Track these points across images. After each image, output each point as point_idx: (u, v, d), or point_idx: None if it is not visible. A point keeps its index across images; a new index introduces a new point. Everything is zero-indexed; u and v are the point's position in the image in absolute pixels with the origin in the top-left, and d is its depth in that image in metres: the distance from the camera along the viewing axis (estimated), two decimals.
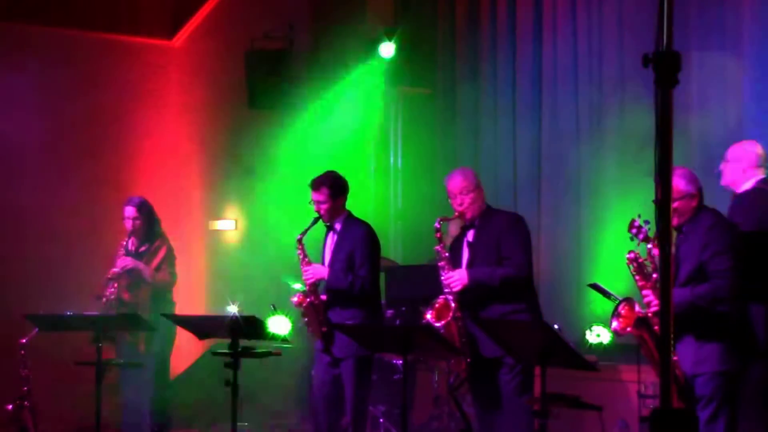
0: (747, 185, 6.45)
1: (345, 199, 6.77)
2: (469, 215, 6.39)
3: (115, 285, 7.58)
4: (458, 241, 6.55)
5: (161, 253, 7.74)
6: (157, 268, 7.68)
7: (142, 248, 7.73)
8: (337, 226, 6.76)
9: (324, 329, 6.69)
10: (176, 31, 10.14)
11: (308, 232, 6.75)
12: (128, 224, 7.72)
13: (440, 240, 6.43)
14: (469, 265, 6.36)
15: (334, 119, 10.02)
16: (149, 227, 7.76)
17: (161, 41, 10.06)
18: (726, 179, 6.56)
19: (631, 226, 5.47)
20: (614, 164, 8.91)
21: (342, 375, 6.71)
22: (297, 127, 9.93)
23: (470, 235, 6.41)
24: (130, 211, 7.73)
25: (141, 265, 7.62)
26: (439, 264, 6.38)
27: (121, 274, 7.60)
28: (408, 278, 8.64)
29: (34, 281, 8.89)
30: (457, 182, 6.41)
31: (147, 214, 7.76)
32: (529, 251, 6.40)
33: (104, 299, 7.54)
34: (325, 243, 6.88)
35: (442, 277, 6.34)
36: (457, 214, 6.45)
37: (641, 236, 5.48)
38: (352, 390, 6.67)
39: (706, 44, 8.23)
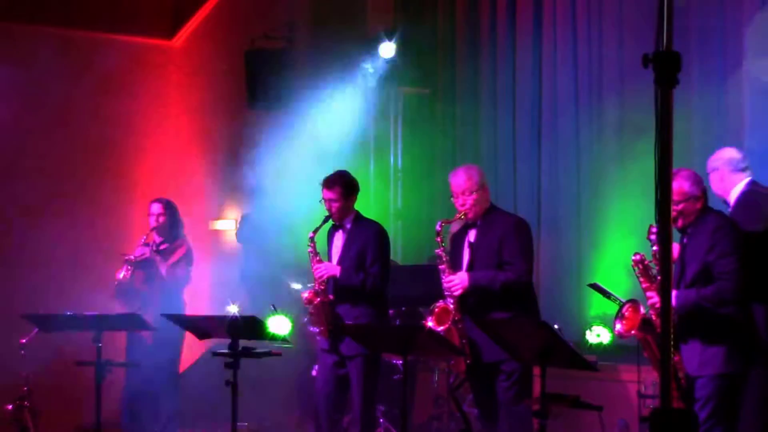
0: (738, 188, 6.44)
1: (355, 198, 6.82)
2: (471, 215, 6.35)
3: (129, 270, 7.63)
4: (459, 239, 6.50)
5: (180, 251, 7.84)
6: (174, 265, 7.75)
7: (163, 246, 7.83)
8: (347, 225, 6.78)
9: (330, 327, 6.69)
10: (176, 31, 10.13)
11: (319, 230, 6.78)
12: (152, 220, 7.85)
13: (441, 243, 6.40)
14: (470, 267, 6.33)
15: (334, 119, 10.02)
16: (172, 226, 7.89)
17: (161, 41, 10.05)
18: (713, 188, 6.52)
19: (650, 232, 5.43)
20: (614, 164, 8.91)
21: (350, 373, 6.70)
22: (297, 126, 9.93)
23: (472, 235, 6.37)
24: (156, 207, 7.88)
25: (158, 257, 7.69)
26: (440, 267, 6.35)
27: (137, 263, 7.66)
28: (408, 278, 8.63)
29: (35, 281, 8.88)
30: (459, 182, 6.35)
31: (172, 213, 7.88)
32: (531, 257, 6.35)
33: (116, 282, 7.61)
34: (330, 242, 6.89)
35: (443, 281, 6.32)
36: (459, 214, 6.41)
37: (640, 270, 5.48)
38: (360, 388, 6.66)
39: (706, 48, 8.24)
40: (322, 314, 6.70)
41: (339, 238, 6.83)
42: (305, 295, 6.73)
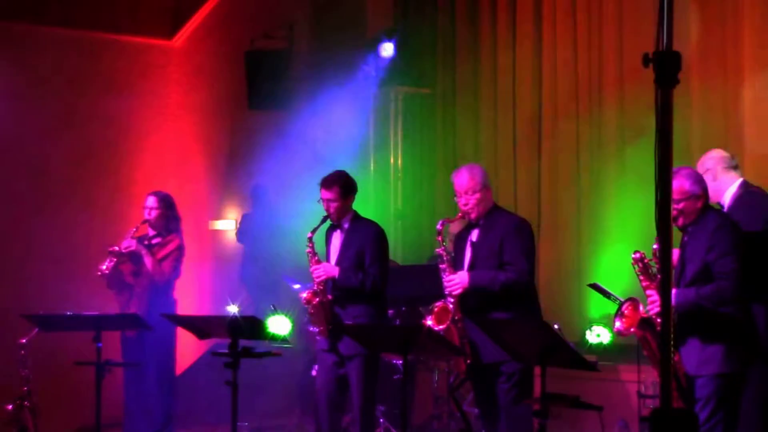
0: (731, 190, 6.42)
1: (353, 198, 6.82)
2: (474, 215, 6.33)
3: (114, 261, 7.59)
4: (462, 239, 6.50)
5: (171, 246, 7.77)
6: (162, 260, 7.71)
7: (155, 240, 7.78)
8: (345, 225, 6.79)
9: (329, 327, 6.69)
10: (176, 31, 10.13)
11: (317, 230, 6.79)
12: (145, 213, 7.80)
13: (442, 242, 6.40)
14: (471, 267, 6.32)
15: (333, 119, 10.02)
16: (166, 221, 7.82)
17: (161, 41, 10.05)
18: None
19: (654, 255, 5.42)
20: (614, 164, 8.92)
21: (349, 374, 6.69)
22: (297, 127, 9.93)
23: (474, 235, 6.37)
24: (151, 200, 7.82)
25: (144, 250, 7.64)
26: (441, 266, 6.35)
27: (123, 254, 7.62)
28: (408, 278, 8.63)
29: (34, 281, 8.88)
30: (463, 181, 6.34)
31: (166, 208, 7.82)
32: (532, 257, 6.33)
33: (99, 272, 7.56)
34: (329, 242, 6.89)
35: (444, 280, 6.32)
36: (461, 213, 6.41)
37: (640, 268, 5.48)
38: (360, 388, 6.66)
39: (706, 45, 8.24)
40: (321, 314, 6.69)
41: (337, 238, 6.83)
42: (304, 295, 6.73)
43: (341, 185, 6.72)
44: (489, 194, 6.39)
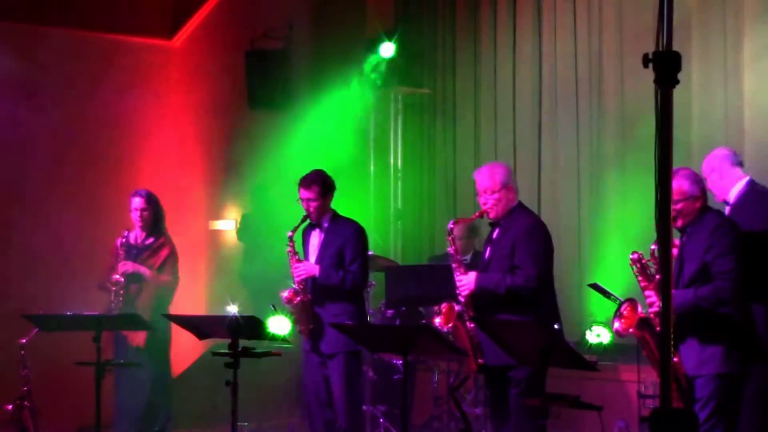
0: (737, 187, 6.41)
1: (332, 197, 6.84)
2: (492, 215, 6.24)
3: (121, 292, 7.54)
4: (487, 237, 6.44)
5: (164, 253, 7.70)
6: (160, 269, 7.65)
7: (148, 241, 7.71)
8: (324, 224, 6.82)
9: (311, 327, 6.71)
10: (176, 31, 10.12)
11: (298, 229, 6.83)
12: (136, 215, 7.67)
13: (453, 242, 6.35)
14: (486, 267, 6.27)
15: (333, 119, 10.02)
16: (156, 220, 7.75)
17: (161, 41, 10.04)
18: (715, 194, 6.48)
19: (652, 256, 5.41)
20: (614, 165, 8.92)
21: (330, 373, 6.72)
22: (297, 127, 9.93)
23: (495, 234, 6.33)
24: (138, 202, 7.69)
25: (142, 268, 7.58)
26: (453, 266, 6.30)
27: (124, 283, 7.56)
28: (408, 278, 8.64)
29: (34, 281, 8.88)
30: (482, 180, 6.25)
31: (154, 206, 7.75)
32: (543, 261, 6.16)
33: (112, 304, 7.53)
34: (307, 241, 6.91)
35: (455, 280, 6.27)
36: (478, 213, 6.35)
37: (638, 269, 5.47)
38: (342, 386, 6.68)
39: (706, 44, 8.24)
40: (302, 313, 6.72)
41: (316, 237, 6.87)
42: (285, 294, 6.74)
43: (320, 184, 6.76)
44: (511, 194, 6.26)
